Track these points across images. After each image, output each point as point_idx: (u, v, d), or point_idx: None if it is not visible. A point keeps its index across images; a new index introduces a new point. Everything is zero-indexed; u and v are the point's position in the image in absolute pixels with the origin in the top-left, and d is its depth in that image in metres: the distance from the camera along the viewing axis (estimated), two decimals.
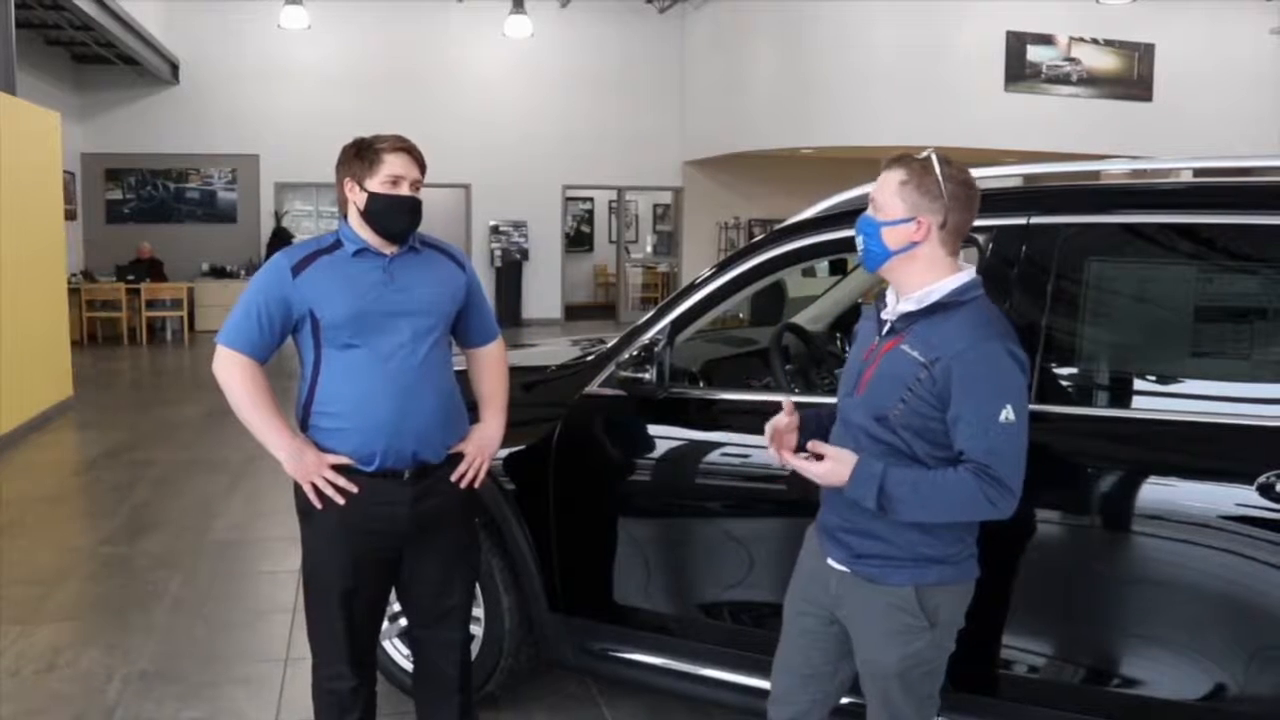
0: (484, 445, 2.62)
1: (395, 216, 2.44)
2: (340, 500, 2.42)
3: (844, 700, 2.31)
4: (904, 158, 2.06)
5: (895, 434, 2.01)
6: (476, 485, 2.61)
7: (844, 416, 2.14)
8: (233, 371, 2.44)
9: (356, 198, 2.44)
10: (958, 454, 1.98)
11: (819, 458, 2.04)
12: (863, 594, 2.09)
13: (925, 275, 2.04)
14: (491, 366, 2.71)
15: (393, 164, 2.42)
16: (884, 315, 2.10)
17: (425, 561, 2.57)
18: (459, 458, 2.57)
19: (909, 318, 2.04)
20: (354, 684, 2.54)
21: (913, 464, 2.01)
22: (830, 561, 2.15)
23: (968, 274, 2.06)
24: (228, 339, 2.45)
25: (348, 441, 2.42)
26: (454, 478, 2.54)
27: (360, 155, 2.44)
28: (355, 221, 2.47)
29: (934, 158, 2.03)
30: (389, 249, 2.47)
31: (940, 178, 2.01)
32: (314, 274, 2.42)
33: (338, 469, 2.42)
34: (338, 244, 2.48)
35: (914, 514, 1.99)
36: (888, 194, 2.04)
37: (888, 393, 2.01)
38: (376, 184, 2.42)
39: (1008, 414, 1.93)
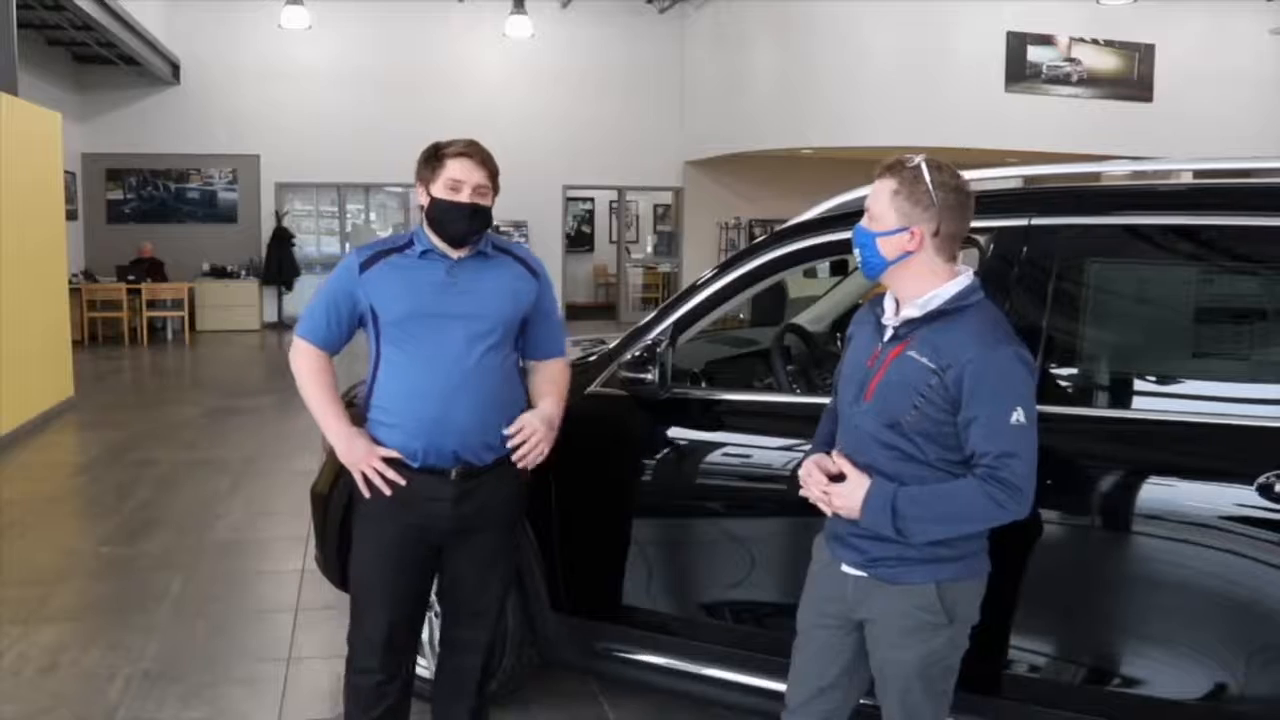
0: (545, 418, 2.57)
1: (453, 221, 2.48)
2: (386, 491, 2.48)
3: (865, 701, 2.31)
4: (895, 165, 2.06)
5: (908, 439, 2.03)
6: (536, 459, 2.56)
7: (852, 423, 2.14)
8: (301, 361, 2.58)
9: (423, 201, 2.52)
10: (968, 456, 2.00)
11: (840, 477, 2.09)
12: (882, 595, 2.10)
13: (924, 282, 2.05)
14: (550, 379, 2.68)
15: (453, 168, 2.46)
16: (885, 321, 2.11)
17: (463, 561, 2.62)
18: (506, 463, 2.55)
19: (912, 323, 2.05)
20: (380, 679, 2.59)
21: (928, 470, 2.02)
22: (845, 568, 2.15)
23: (966, 278, 2.07)
24: (302, 330, 2.58)
25: (394, 436, 2.49)
26: (512, 445, 2.52)
27: (429, 160, 2.51)
28: (424, 223, 2.55)
29: (924, 165, 2.03)
30: (455, 252, 2.52)
31: (930, 186, 2.01)
32: (379, 272, 2.51)
33: (388, 462, 2.48)
34: (409, 244, 2.55)
35: (929, 530, 2.01)
36: (881, 204, 2.06)
37: (899, 399, 2.03)
38: (438, 189, 2.47)
39: (1018, 416, 1.96)
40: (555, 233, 16.31)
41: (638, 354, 2.92)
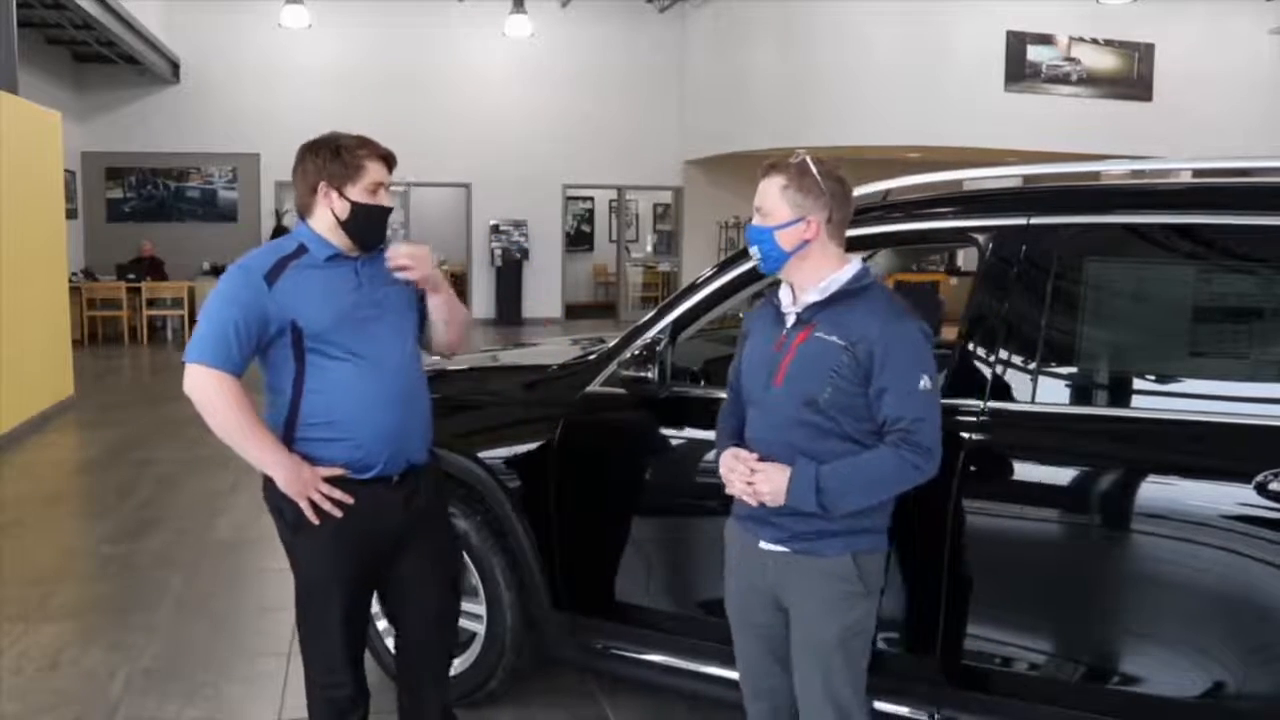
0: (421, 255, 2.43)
1: (377, 227, 2.40)
2: (338, 513, 2.34)
3: None
4: (779, 163, 2.17)
5: (825, 415, 2.11)
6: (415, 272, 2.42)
7: (766, 407, 2.21)
8: (216, 390, 2.26)
9: (336, 205, 2.35)
10: (881, 423, 2.10)
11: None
12: (801, 569, 2.17)
13: (821, 268, 2.17)
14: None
15: (375, 172, 2.36)
16: (784, 310, 2.21)
17: (413, 561, 2.53)
18: (435, 458, 2.58)
19: (814, 307, 2.15)
20: (352, 690, 2.51)
21: (843, 443, 2.11)
22: (763, 545, 2.21)
23: (858, 263, 2.19)
24: (204, 356, 2.27)
25: (348, 453, 2.35)
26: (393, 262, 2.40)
27: (339, 159, 2.34)
28: (326, 227, 2.38)
29: (809, 159, 2.15)
30: (355, 252, 2.41)
31: (819, 176, 2.13)
32: (289, 283, 2.31)
33: (331, 481, 2.34)
34: (303, 249, 2.37)
35: (851, 501, 2.10)
36: (772, 200, 2.16)
37: (813, 378, 2.12)
38: (358, 193, 2.34)
39: (925, 383, 2.09)
40: (555, 232, 16.33)
41: (637, 353, 2.92)
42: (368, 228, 2.38)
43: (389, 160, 2.41)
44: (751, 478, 2.16)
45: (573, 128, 15.63)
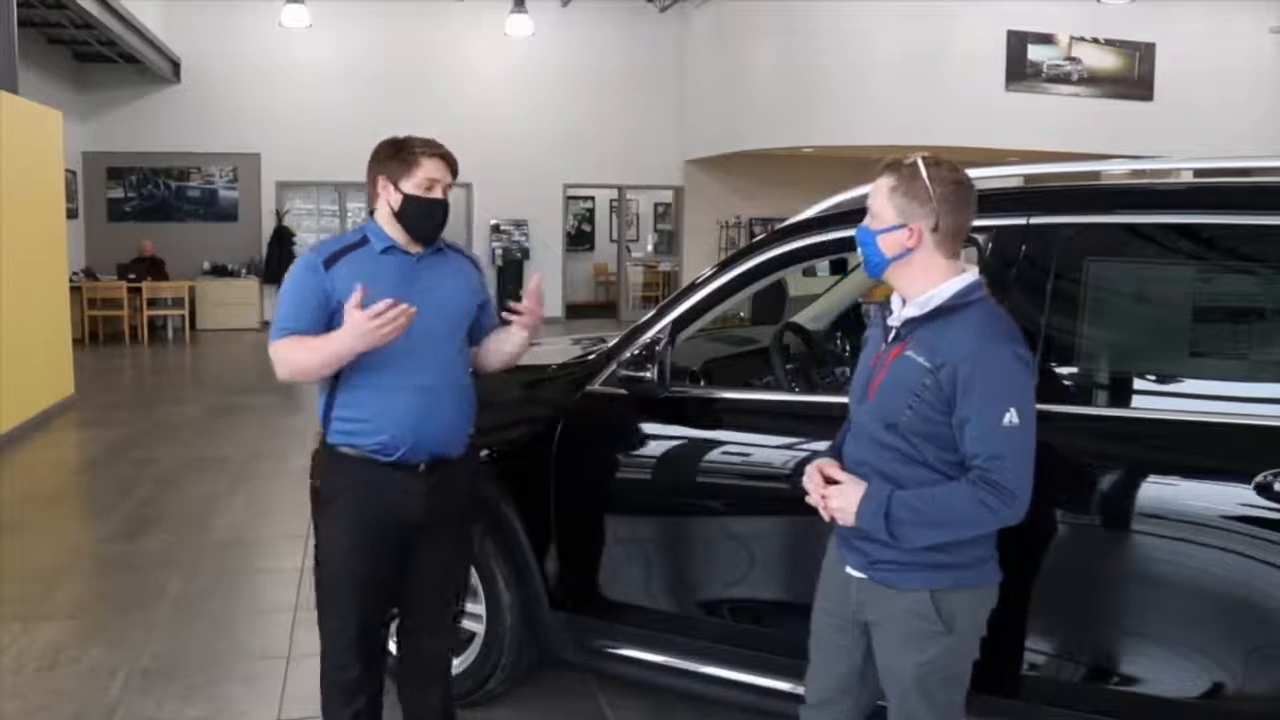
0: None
1: (427, 219, 2.51)
2: (403, 321, 2.34)
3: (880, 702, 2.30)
4: (894, 163, 2.06)
5: (906, 440, 2.01)
6: (536, 325, 2.63)
7: (856, 424, 2.14)
8: (287, 349, 2.46)
9: (390, 197, 2.49)
10: (963, 458, 1.98)
11: (833, 481, 2.10)
12: (881, 600, 2.09)
13: (925, 279, 2.04)
14: (503, 331, 2.75)
15: (429, 168, 2.48)
16: (890, 321, 2.11)
17: (430, 550, 2.61)
18: (473, 451, 2.64)
19: (913, 323, 2.04)
20: (358, 673, 2.57)
21: (929, 472, 2.00)
22: (849, 569, 2.15)
23: (969, 276, 2.06)
24: (276, 335, 2.49)
25: (370, 437, 2.47)
26: (525, 307, 2.59)
27: (397, 156, 2.49)
28: (384, 219, 2.52)
29: (920, 161, 2.02)
30: (415, 248, 2.53)
31: (928, 181, 2.00)
32: (344, 269, 2.47)
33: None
34: (364, 241, 2.53)
35: (923, 535, 1.99)
36: (880, 201, 2.05)
37: (896, 399, 2.01)
38: (411, 186, 2.47)
39: (1011, 417, 1.92)
40: (556, 231, 16.31)
41: (637, 352, 2.92)
42: (420, 220, 2.51)
43: (448, 160, 2.53)
44: (825, 490, 2.08)
45: (573, 127, 15.62)
